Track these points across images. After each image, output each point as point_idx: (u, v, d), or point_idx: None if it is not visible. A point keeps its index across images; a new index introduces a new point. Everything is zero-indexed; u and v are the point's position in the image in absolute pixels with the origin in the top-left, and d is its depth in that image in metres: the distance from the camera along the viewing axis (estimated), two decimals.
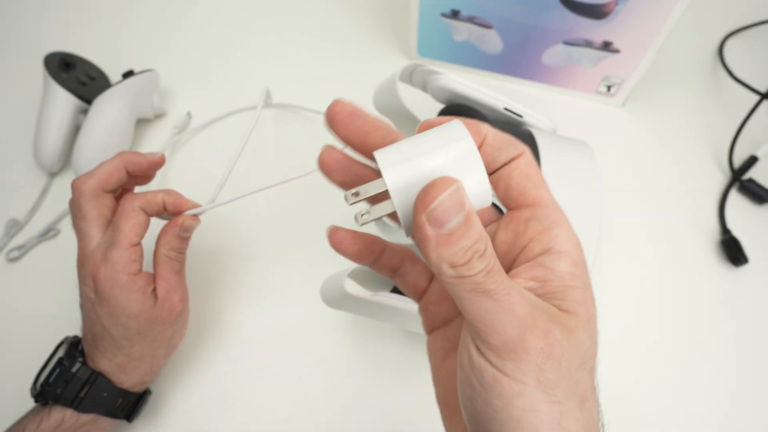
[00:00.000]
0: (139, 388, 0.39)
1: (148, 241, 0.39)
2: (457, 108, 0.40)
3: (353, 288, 0.35)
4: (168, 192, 0.39)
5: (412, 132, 0.34)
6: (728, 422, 0.42)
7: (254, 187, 0.40)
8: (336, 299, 0.35)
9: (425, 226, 0.18)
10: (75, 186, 0.37)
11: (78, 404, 0.36)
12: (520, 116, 0.41)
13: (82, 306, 0.38)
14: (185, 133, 0.55)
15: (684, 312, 0.46)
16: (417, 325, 0.35)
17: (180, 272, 0.39)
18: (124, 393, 0.38)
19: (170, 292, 0.38)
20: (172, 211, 0.39)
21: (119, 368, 0.37)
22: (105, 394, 0.37)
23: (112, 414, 0.37)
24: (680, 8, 0.45)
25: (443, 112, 0.42)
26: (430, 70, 0.40)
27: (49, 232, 0.50)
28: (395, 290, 0.36)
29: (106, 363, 0.37)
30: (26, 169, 0.53)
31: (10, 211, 0.51)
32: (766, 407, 0.42)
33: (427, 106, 0.44)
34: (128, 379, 0.38)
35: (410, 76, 0.43)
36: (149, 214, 0.38)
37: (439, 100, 0.43)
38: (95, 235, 0.37)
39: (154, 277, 0.38)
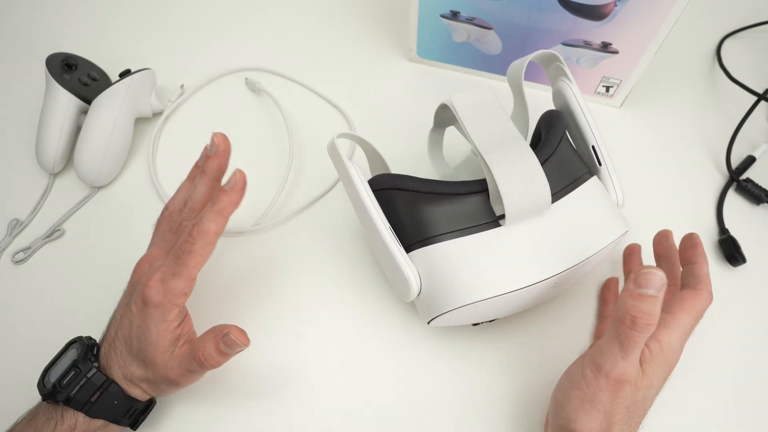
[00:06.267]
0: (144, 398, 0.39)
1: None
2: (554, 115, 0.40)
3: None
4: None
5: (519, 106, 0.42)
6: (726, 422, 0.42)
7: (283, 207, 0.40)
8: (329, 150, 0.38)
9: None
10: None
11: (89, 409, 0.36)
12: (599, 164, 0.39)
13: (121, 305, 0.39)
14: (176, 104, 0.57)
15: None
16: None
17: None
18: (133, 401, 0.38)
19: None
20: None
21: (126, 379, 0.38)
22: (116, 402, 0.37)
23: (119, 421, 0.38)
24: (678, 9, 0.45)
25: (545, 115, 0.41)
26: (563, 70, 0.41)
27: (53, 233, 0.50)
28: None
29: (117, 370, 0.37)
30: (28, 169, 0.54)
31: (13, 211, 0.51)
32: (763, 407, 0.43)
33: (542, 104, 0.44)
34: (134, 389, 0.38)
35: (548, 66, 0.43)
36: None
37: (553, 101, 0.43)
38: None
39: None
